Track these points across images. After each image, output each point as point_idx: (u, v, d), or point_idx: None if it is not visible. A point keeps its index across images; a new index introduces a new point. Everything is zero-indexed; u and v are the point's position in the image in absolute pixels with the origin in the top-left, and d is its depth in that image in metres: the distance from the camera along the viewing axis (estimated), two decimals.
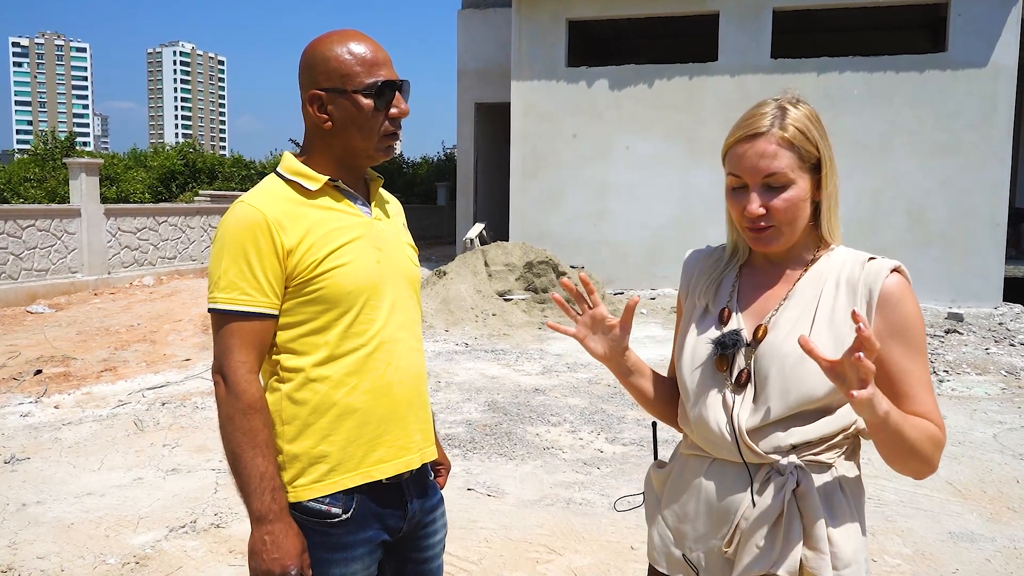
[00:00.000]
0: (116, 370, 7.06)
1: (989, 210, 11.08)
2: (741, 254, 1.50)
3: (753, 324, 1.41)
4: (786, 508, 1.32)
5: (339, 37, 1.57)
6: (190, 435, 5.19)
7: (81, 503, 4.06)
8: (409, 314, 1.67)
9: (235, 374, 1.49)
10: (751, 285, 1.46)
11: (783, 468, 1.34)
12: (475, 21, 15.16)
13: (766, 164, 1.34)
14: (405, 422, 1.63)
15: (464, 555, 3.49)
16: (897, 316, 1.33)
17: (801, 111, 1.40)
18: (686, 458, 1.48)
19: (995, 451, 5.00)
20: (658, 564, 1.51)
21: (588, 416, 5.69)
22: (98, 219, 12.12)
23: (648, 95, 12.25)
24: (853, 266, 1.39)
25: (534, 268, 10.78)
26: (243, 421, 1.48)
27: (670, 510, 1.48)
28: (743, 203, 1.37)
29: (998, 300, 11.04)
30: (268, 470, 1.49)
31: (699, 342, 1.44)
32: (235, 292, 1.50)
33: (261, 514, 1.47)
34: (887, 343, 1.33)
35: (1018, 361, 7.59)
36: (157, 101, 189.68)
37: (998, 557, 3.53)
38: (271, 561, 1.47)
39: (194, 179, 22.47)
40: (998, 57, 10.89)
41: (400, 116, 1.59)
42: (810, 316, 1.36)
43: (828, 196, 1.41)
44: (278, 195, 1.56)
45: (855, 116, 11.45)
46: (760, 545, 1.32)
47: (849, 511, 1.36)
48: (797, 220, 1.37)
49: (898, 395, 1.32)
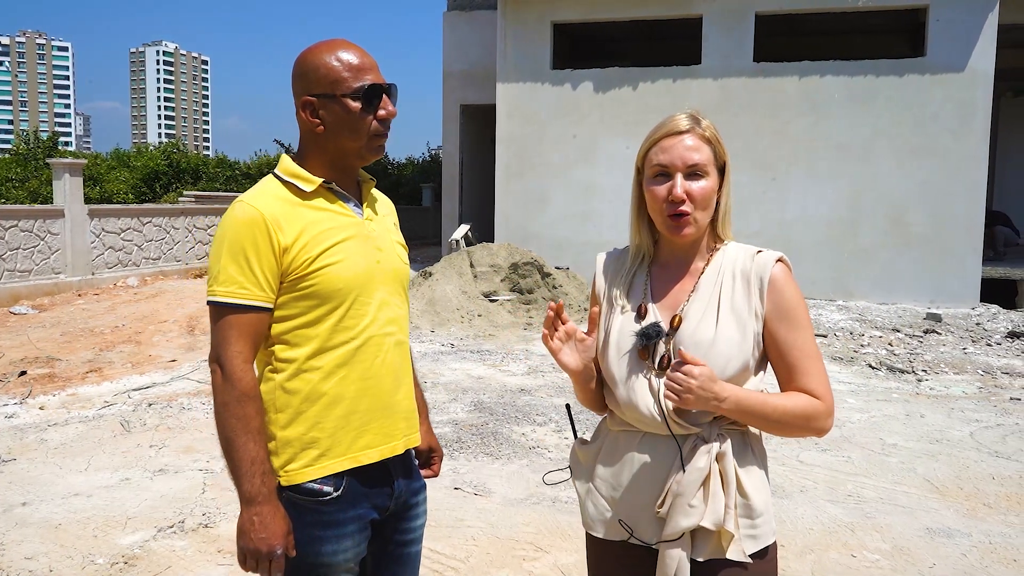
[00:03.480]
0: (101, 371, 7.04)
1: (966, 212, 11.25)
2: (647, 254, 1.68)
3: (668, 315, 1.60)
4: (712, 469, 1.51)
5: (328, 46, 1.67)
6: (177, 436, 5.20)
7: (68, 504, 4.07)
8: (397, 310, 1.77)
9: (231, 363, 1.58)
10: (662, 281, 1.65)
11: (708, 435, 1.53)
12: (461, 23, 15.20)
13: (691, 155, 1.55)
14: (391, 411, 1.73)
15: (452, 553, 3.54)
16: (782, 299, 1.55)
17: (709, 121, 1.62)
18: (616, 433, 1.65)
19: (971, 449, 5.10)
20: (594, 530, 1.67)
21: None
22: (82, 220, 12.06)
23: (632, 97, 12.34)
24: (745, 259, 1.60)
25: (519, 269, 10.83)
26: (237, 408, 1.57)
27: (603, 480, 1.64)
28: (668, 187, 1.55)
29: (975, 301, 11.21)
30: (259, 455, 1.58)
31: (622, 335, 1.61)
32: (233, 286, 1.58)
33: (251, 496, 1.57)
34: (776, 323, 1.55)
35: (994, 360, 7.72)
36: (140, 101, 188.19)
37: (974, 552, 3.61)
38: (258, 540, 1.56)
39: (178, 180, 22.33)
40: (975, 62, 11.06)
41: (388, 117, 1.69)
42: (715, 304, 1.57)
43: (726, 196, 1.62)
44: (275, 195, 1.65)
45: (837, 119, 11.59)
46: (691, 504, 1.50)
47: (759, 469, 1.58)
48: (709, 209, 1.58)
49: (788, 366, 1.56)
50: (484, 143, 15.96)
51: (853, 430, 5.48)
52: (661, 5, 12.21)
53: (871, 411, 6.00)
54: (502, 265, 10.82)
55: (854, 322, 9.85)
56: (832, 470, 4.69)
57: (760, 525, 1.55)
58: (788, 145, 11.77)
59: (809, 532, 3.81)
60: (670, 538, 1.52)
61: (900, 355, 8.01)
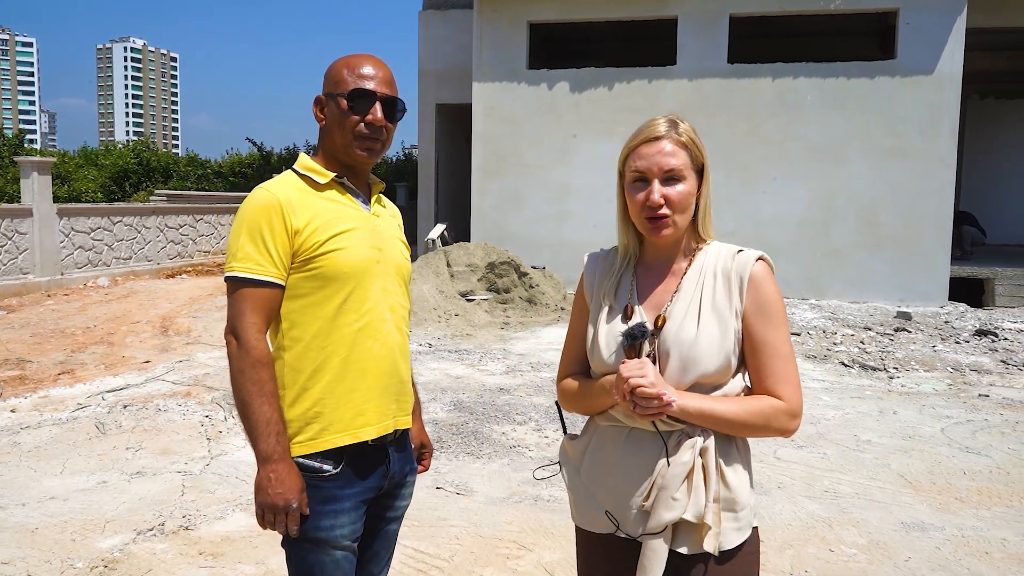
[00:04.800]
0: (74, 372, 6.94)
1: (936, 213, 11.46)
2: (632, 255, 1.72)
3: (653, 315, 1.64)
4: (695, 464, 1.55)
5: (351, 56, 1.86)
6: (153, 438, 5.14)
7: (44, 507, 4.01)
8: (398, 300, 1.90)
9: (247, 333, 1.71)
10: (647, 281, 1.69)
11: (692, 431, 1.57)
12: (436, 22, 15.18)
13: (667, 160, 1.59)
14: (387, 391, 1.85)
15: (436, 552, 3.54)
16: (760, 296, 1.60)
17: (688, 125, 1.66)
18: (604, 429, 1.68)
19: (943, 444, 5.20)
20: (582, 523, 1.72)
21: (553, 415, 5.76)
22: (51, 219, 11.86)
23: (608, 98, 12.40)
24: (727, 258, 1.64)
25: (496, 268, 10.84)
26: (253, 373, 1.69)
27: (592, 475, 1.68)
28: (646, 194, 1.60)
29: (944, 299, 11.43)
30: (274, 416, 1.70)
31: (610, 335, 1.66)
32: (250, 263, 1.72)
33: (267, 454, 1.68)
34: (753, 319, 1.59)
35: (963, 358, 7.88)
36: (108, 98, 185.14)
37: (947, 545, 3.69)
38: (275, 495, 1.67)
39: (148, 178, 22.04)
40: (944, 65, 11.27)
41: (373, 123, 1.82)
42: (697, 304, 1.61)
43: (706, 197, 1.66)
44: (292, 185, 1.81)
45: (809, 120, 11.75)
46: (675, 497, 1.54)
47: (742, 464, 1.62)
48: (687, 211, 1.62)
49: (757, 365, 1.60)
50: (460, 142, 15.95)
51: (828, 427, 5.56)
52: (636, 6, 12.29)
53: (845, 408, 6.10)
54: (479, 264, 10.82)
55: (827, 320, 9.99)
56: (809, 466, 4.76)
57: (742, 518, 1.59)
58: (762, 146, 11.90)
59: (788, 527, 3.86)
60: (654, 531, 1.55)
61: (872, 353, 8.14)
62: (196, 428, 5.36)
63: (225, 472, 4.54)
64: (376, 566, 1.96)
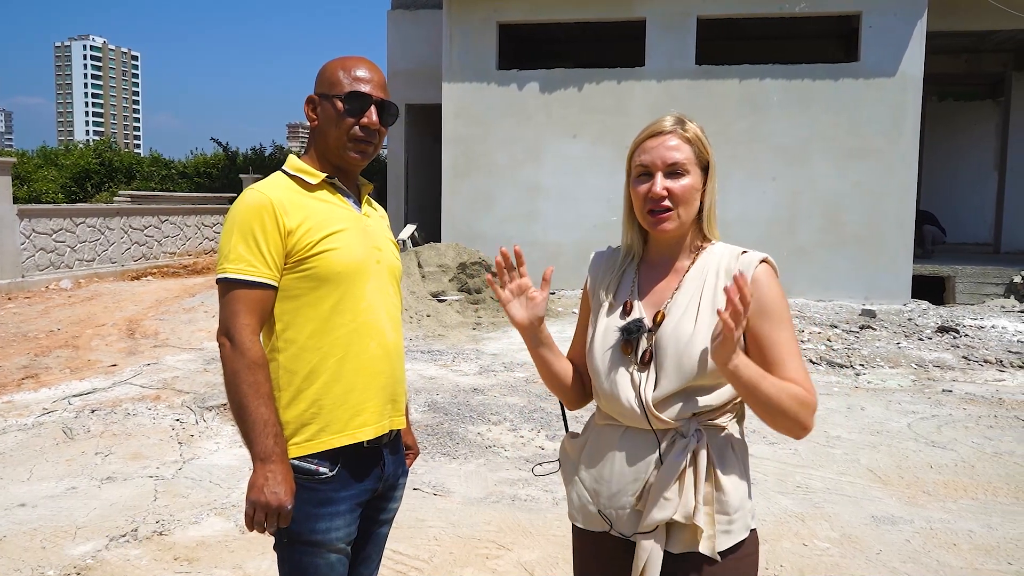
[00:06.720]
0: (38, 377, 6.79)
1: (898, 212, 11.70)
2: (636, 252, 1.73)
3: (652, 311, 1.64)
4: (687, 464, 1.55)
5: (345, 58, 1.87)
6: (123, 442, 5.06)
7: (12, 515, 3.92)
8: (391, 299, 1.90)
9: (240, 334, 1.69)
10: (648, 278, 1.70)
11: (686, 431, 1.57)
12: (405, 22, 15.11)
13: (671, 154, 1.61)
14: (383, 391, 1.85)
15: (415, 553, 3.54)
16: (764, 297, 1.58)
17: (695, 123, 1.69)
18: (600, 427, 1.69)
19: (910, 439, 5.32)
20: (576, 520, 1.72)
21: (527, 414, 5.78)
22: (11, 220, 11.59)
23: (578, 99, 12.45)
24: (730, 258, 1.64)
25: (467, 269, 10.83)
26: (248, 375, 1.68)
27: (587, 473, 1.68)
28: (648, 186, 1.61)
29: (907, 297, 11.66)
30: (271, 417, 1.69)
31: (608, 330, 1.66)
32: (242, 264, 1.71)
33: (265, 455, 1.67)
34: (758, 320, 1.57)
35: (926, 354, 8.05)
36: (66, 97, 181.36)
37: (917, 538, 3.78)
38: (270, 494, 1.66)
39: (111, 179, 21.65)
40: (905, 67, 11.50)
41: (368, 126, 1.83)
42: (696, 303, 1.61)
43: (711, 195, 1.66)
44: (283, 185, 1.81)
45: (775, 121, 11.91)
46: (667, 497, 1.54)
47: (738, 466, 1.61)
48: (691, 206, 1.62)
49: (769, 362, 1.56)
50: (429, 143, 15.89)
51: None
52: (605, 7, 12.36)
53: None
54: (450, 265, 10.81)
55: (794, 318, 10.13)
56: (781, 462, 4.83)
57: (736, 520, 1.58)
58: (729, 146, 12.04)
59: (762, 523, 3.92)
60: (646, 530, 1.56)
61: (839, 350, 8.29)
62: (167, 432, 5.28)
63: (198, 476, 4.48)
64: (367, 568, 1.95)
